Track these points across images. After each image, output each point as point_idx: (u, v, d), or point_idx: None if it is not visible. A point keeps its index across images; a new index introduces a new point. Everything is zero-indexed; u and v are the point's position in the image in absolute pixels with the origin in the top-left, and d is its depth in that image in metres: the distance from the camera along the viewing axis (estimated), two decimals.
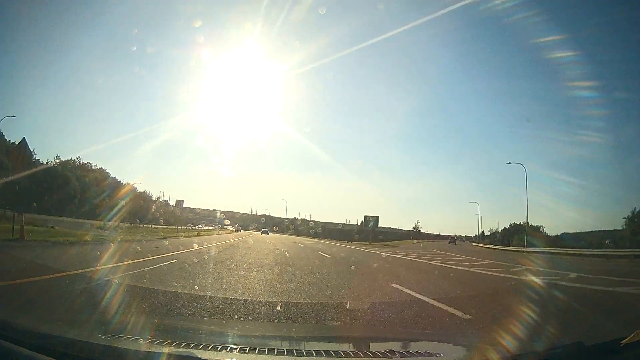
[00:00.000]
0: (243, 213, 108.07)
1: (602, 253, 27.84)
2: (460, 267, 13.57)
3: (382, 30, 62.38)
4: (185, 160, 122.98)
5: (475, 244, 60.62)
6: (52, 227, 19.95)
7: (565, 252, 30.34)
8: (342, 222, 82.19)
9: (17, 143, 15.90)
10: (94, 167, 53.28)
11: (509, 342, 2.31)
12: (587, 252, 28.93)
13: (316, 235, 62.27)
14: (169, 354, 1.55)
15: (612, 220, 67.44)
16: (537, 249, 33.82)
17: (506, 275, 11.13)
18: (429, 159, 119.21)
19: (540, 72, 71.12)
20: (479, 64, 77.52)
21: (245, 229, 76.12)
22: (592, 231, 47.06)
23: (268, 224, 76.13)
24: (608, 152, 68.57)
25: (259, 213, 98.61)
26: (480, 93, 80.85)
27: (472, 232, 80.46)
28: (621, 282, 9.84)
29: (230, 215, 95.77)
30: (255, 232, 60.12)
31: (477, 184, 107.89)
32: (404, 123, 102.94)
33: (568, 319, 5.10)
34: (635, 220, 38.63)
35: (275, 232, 67.04)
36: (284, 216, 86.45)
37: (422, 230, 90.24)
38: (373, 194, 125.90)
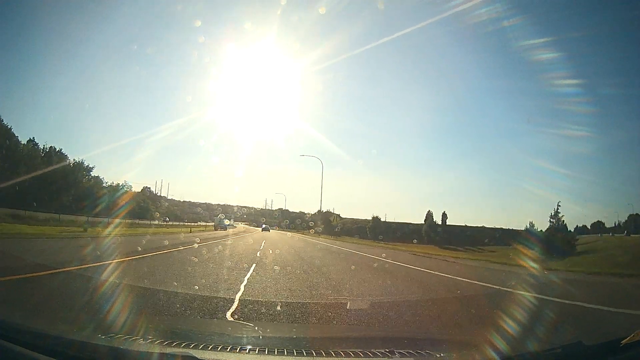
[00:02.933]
0: (258, 208, 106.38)
1: None
2: None
3: (397, 27, 61.31)
4: (200, 156, 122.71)
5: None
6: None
7: None
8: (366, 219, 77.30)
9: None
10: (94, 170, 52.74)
11: (509, 341, 2.30)
12: None
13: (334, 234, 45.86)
14: (169, 354, 1.56)
15: None
16: None
17: None
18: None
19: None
20: (492, 63, 76.12)
21: (253, 224, 75.89)
22: None
23: (282, 218, 75.16)
24: None
25: (274, 207, 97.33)
26: (494, 90, 79.34)
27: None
28: None
29: (244, 210, 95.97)
30: (256, 229, 57.67)
31: (491, 179, 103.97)
32: (423, 119, 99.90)
33: None
34: None
35: (278, 230, 62.67)
36: (298, 210, 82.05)
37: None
38: (392, 190, 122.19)
